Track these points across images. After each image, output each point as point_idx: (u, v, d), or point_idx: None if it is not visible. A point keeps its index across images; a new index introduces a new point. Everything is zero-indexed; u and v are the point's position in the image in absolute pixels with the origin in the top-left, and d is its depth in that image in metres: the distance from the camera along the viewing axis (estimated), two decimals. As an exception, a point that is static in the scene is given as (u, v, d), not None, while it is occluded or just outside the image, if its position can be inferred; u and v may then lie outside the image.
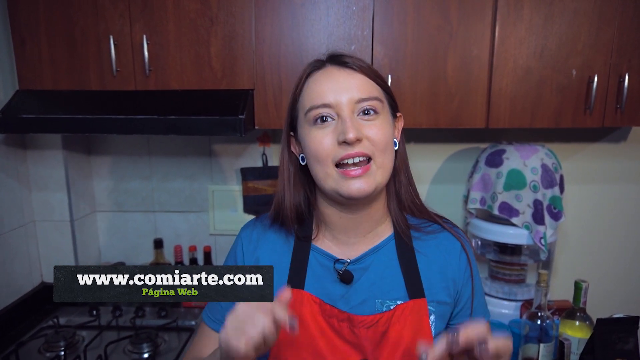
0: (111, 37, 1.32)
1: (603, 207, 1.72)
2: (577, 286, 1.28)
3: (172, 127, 1.30)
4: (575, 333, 1.29)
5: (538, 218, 1.42)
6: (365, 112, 0.73)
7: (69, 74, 1.37)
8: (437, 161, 1.75)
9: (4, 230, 1.51)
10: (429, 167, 1.75)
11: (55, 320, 1.56)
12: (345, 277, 0.76)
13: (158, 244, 1.77)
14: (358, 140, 0.70)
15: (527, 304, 1.46)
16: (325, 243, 0.80)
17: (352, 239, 0.79)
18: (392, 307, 0.74)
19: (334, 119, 0.72)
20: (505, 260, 1.55)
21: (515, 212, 1.43)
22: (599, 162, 1.69)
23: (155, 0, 1.31)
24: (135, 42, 1.34)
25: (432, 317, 0.75)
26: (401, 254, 0.77)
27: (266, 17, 1.32)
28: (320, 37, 1.33)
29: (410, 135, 1.72)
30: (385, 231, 0.81)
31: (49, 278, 1.70)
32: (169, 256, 1.80)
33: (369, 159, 0.72)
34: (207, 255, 1.76)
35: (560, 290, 1.69)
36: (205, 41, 1.33)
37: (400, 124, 0.82)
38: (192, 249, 1.75)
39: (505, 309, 1.52)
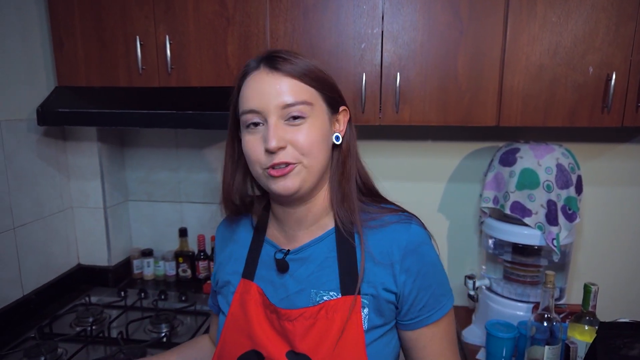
0: (137, 38, 1.43)
1: (627, 210, 1.65)
2: (586, 289, 1.24)
3: (190, 122, 1.39)
4: (584, 337, 1.26)
5: (551, 219, 1.39)
6: (294, 117, 0.73)
7: (100, 72, 1.49)
8: (455, 159, 1.74)
9: (45, 214, 1.66)
10: (446, 164, 1.75)
11: (87, 298, 1.70)
12: (281, 266, 0.80)
13: (183, 232, 1.88)
14: (281, 148, 0.72)
15: (538, 306, 1.43)
16: (275, 234, 0.85)
17: (296, 232, 0.82)
18: (323, 300, 0.76)
19: (264, 124, 0.74)
20: (520, 261, 1.52)
21: (527, 212, 1.41)
22: (625, 164, 1.62)
23: (177, 2, 1.40)
24: (159, 42, 1.43)
25: (366, 311, 0.75)
26: (340, 248, 0.77)
27: (279, 17, 1.37)
28: (330, 36, 1.36)
29: (428, 132, 1.72)
30: (329, 224, 0.81)
31: (85, 260, 1.85)
32: (192, 244, 1.90)
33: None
34: (228, 245, 1.84)
35: (578, 294, 1.63)
36: (222, 41, 1.41)
37: (346, 118, 0.80)
38: (213, 238, 1.84)
39: (519, 311, 1.50)
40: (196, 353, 0.97)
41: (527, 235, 1.43)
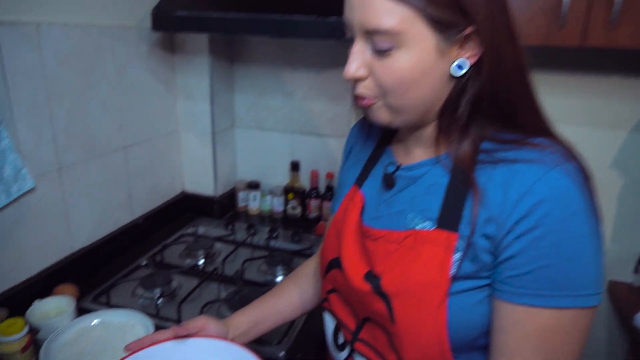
0: None
1: None
2: None
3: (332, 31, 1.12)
4: None
5: None
6: (378, 49, 0.58)
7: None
8: (647, 101, 1.35)
9: (152, 135, 1.52)
10: (635, 109, 1.36)
11: (193, 229, 1.59)
12: (388, 181, 0.71)
13: (295, 166, 1.69)
14: (360, 78, 0.61)
15: None
16: (396, 146, 0.75)
17: (414, 148, 0.70)
18: (416, 228, 0.64)
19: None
20: None
21: None
22: None
23: None
24: None
25: (457, 255, 0.61)
26: (453, 176, 0.63)
27: None
28: None
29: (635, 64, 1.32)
30: (447, 148, 0.66)
31: (190, 187, 1.73)
32: (304, 180, 1.71)
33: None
34: (343, 184, 1.63)
35: None
36: None
37: (475, 42, 0.57)
38: (330, 176, 1.63)
39: None
40: (281, 302, 0.90)
41: None
